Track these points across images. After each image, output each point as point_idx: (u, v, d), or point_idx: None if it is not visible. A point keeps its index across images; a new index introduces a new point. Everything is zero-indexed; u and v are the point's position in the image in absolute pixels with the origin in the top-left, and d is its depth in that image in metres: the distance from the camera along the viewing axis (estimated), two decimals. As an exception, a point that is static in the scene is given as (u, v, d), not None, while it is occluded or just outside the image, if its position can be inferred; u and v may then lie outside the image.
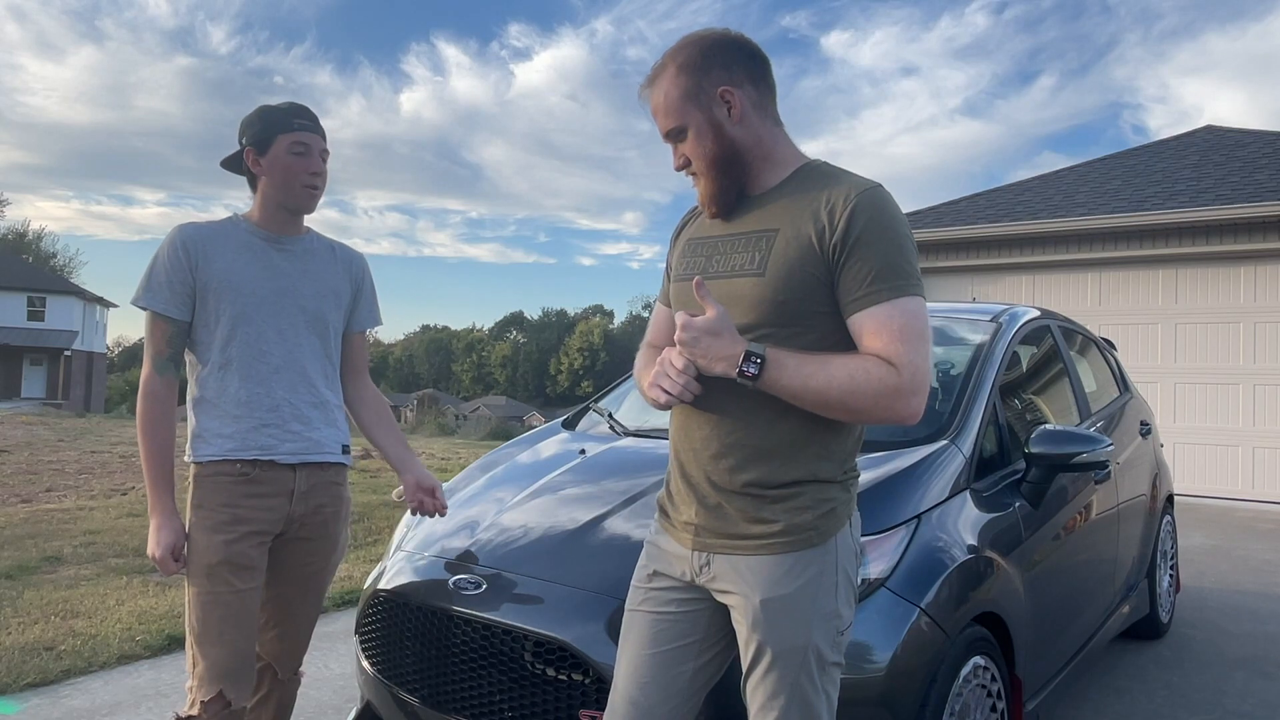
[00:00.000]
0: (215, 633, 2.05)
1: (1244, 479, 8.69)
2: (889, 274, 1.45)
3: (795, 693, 1.51)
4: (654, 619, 1.65)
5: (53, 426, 17.46)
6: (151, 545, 2.07)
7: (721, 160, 1.57)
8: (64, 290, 43.86)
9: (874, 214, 1.47)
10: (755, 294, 1.53)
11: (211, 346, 2.12)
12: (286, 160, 2.13)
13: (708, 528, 1.58)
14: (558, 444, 3.09)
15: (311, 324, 2.21)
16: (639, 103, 1.65)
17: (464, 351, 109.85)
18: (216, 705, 2.04)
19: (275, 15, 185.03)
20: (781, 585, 1.51)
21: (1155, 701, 3.52)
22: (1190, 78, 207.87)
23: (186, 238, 2.12)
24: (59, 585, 4.96)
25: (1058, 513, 2.89)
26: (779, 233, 1.53)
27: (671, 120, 1.58)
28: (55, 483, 9.39)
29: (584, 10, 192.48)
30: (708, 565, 1.58)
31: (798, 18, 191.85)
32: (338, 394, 2.30)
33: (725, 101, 1.56)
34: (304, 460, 2.17)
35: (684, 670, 1.63)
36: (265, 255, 2.17)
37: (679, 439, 1.63)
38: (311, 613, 2.31)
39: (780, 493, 1.53)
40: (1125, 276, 9.29)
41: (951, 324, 3.32)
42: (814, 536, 1.53)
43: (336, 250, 2.33)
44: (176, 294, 2.10)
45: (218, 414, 2.12)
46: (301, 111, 2.17)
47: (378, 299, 2.43)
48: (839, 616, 1.55)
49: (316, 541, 2.23)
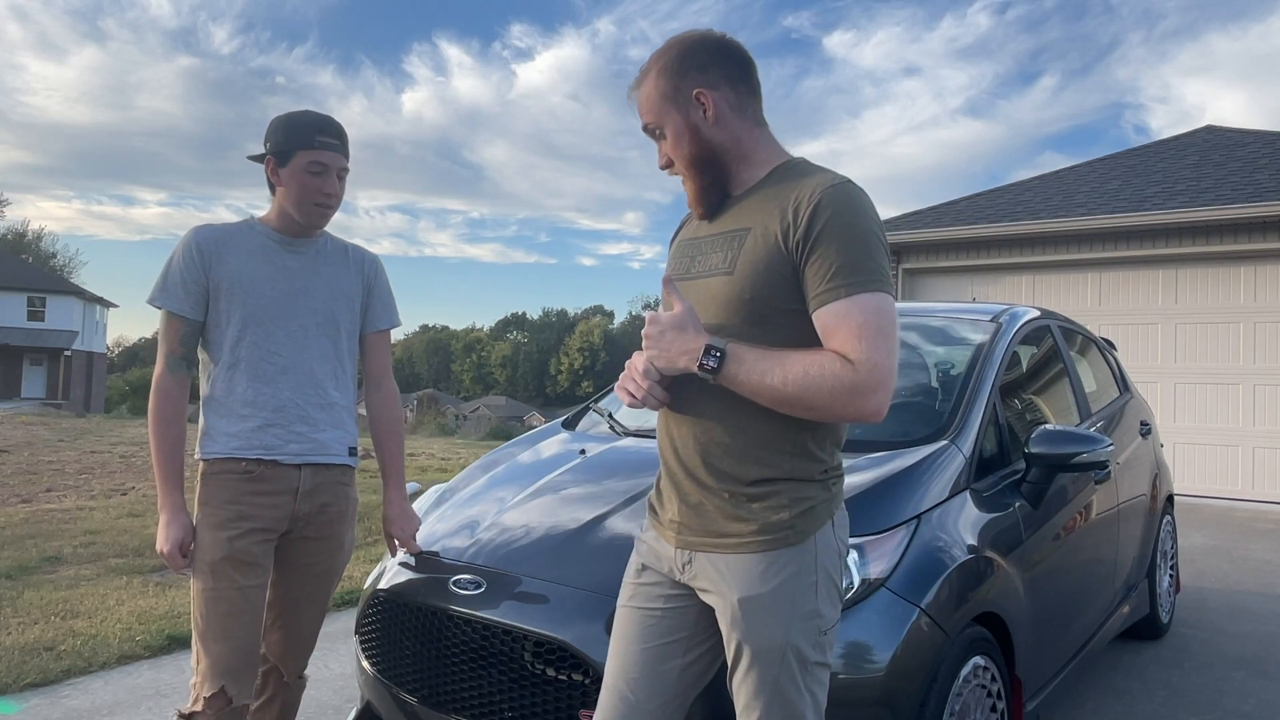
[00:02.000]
0: (219, 629, 2.06)
1: (1244, 479, 8.69)
2: (849, 270, 1.44)
3: (776, 693, 1.51)
4: (642, 614, 1.66)
5: (53, 426, 17.47)
6: (160, 540, 2.09)
7: (699, 161, 1.60)
8: (64, 290, 43.87)
9: (837, 209, 1.46)
10: (725, 293, 1.54)
11: (222, 346, 2.15)
12: (303, 178, 2.14)
13: (689, 525, 1.59)
14: (558, 444, 3.08)
15: (322, 326, 2.22)
16: (628, 103, 1.68)
17: (464, 351, 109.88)
18: (219, 701, 2.05)
19: (278, 15, 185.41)
20: (758, 584, 1.51)
21: (1155, 701, 3.52)
22: (1192, 78, 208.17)
23: (201, 239, 2.15)
24: (59, 585, 4.96)
25: (1058, 513, 2.89)
26: (750, 231, 1.55)
27: (650, 119, 1.63)
28: (55, 483, 9.39)
29: (586, 10, 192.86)
30: (690, 563, 1.59)
31: (800, 18, 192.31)
32: (347, 395, 2.30)
33: (700, 103, 1.58)
34: (308, 461, 2.18)
35: (671, 666, 1.63)
36: (277, 257, 2.20)
37: (663, 438, 1.65)
38: (317, 614, 2.32)
39: (757, 491, 1.53)
40: (1125, 276, 9.29)
41: (951, 324, 3.32)
42: (791, 535, 1.52)
43: (350, 252, 2.34)
44: (190, 294, 2.13)
45: (225, 413, 2.14)
46: (326, 127, 2.15)
47: (394, 299, 2.44)
48: (820, 616, 1.54)
49: (322, 541, 2.24)
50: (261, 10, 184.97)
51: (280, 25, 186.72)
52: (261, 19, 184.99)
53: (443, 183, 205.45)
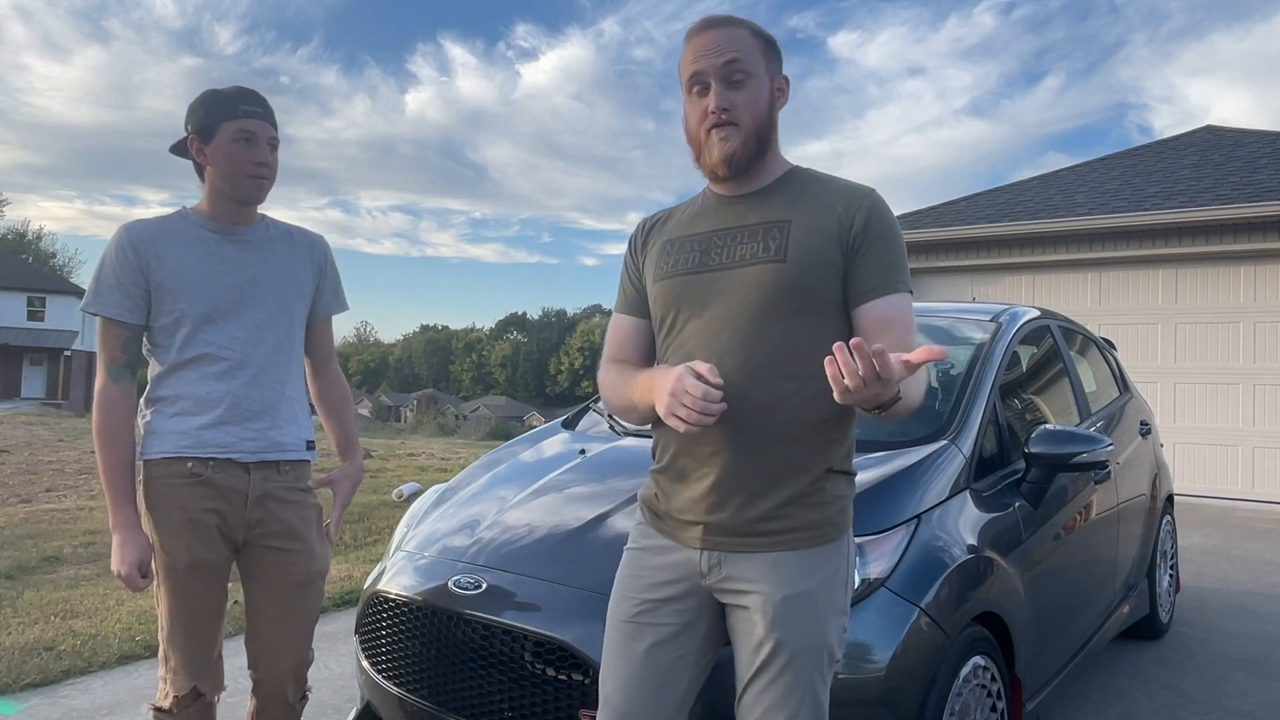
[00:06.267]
0: (183, 634, 2.04)
1: (1244, 479, 8.68)
2: (899, 269, 1.56)
3: (809, 691, 1.51)
4: (651, 630, 1.60)
5: (52, 426, 17.46)
6: (116, 562, 1.96)
7: (762, 128, 1.60)
8: (64, 290, 43.82)
9: (885, 215, 1.58)
10: (775, 280, 1.53)
11: (170, 348, 2.04)
12: (230, 149, 2.02)
13: (721, 526, 1.55)
14: (558, 444, 3.08)
15: (275, 318, 2.11)
16: (698, 34, 1.58)
17: (464, 351, 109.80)
18: (188, 699, 2.05)
19: (282, 15, 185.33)
20: (803, 581, 1.52)
21: (1155, 701, 3.52)
22: (1196, 78, 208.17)
23: (135, 237, 2.01)
24: (59, 585, 4.96)
25: (1058, 513, 2.89)
26: (792, 224, 1.56)
27: (741, 58, 1.55)
28: (55, 483, 9.39)
29: (591, 11, 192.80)
30: (719, 565, 1.56)
31: (805, 18, 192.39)
32: (299, 388, 2.21)
33: (779, 88, 1.63)
34: (263, 459, 2.08)
35: (679, 683, 1.60)
36: (220, 249, 2.07)
37: (686, 441, 1.57)
38: (307, 626, 2.18)
39: (803, 487, 1.54)
40: (1125, 276, 9.29)
41: (951, 324, 3.32)
42: (832, 532, 1.56)
43: (295, 236, 2.22)
44: (128, 297, 2.00)
45: (174, 411, 2.03)
46: (249, 97, 2.05)
47: (341, 283, 2.34)
48: (845, 614, 1.58)
49: (290, 551, 2.11)
50: (266, 10, 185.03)
51: (285, 25, 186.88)
52: (266, 19, 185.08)
53: (445, 183, 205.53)
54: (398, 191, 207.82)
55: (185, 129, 2.07)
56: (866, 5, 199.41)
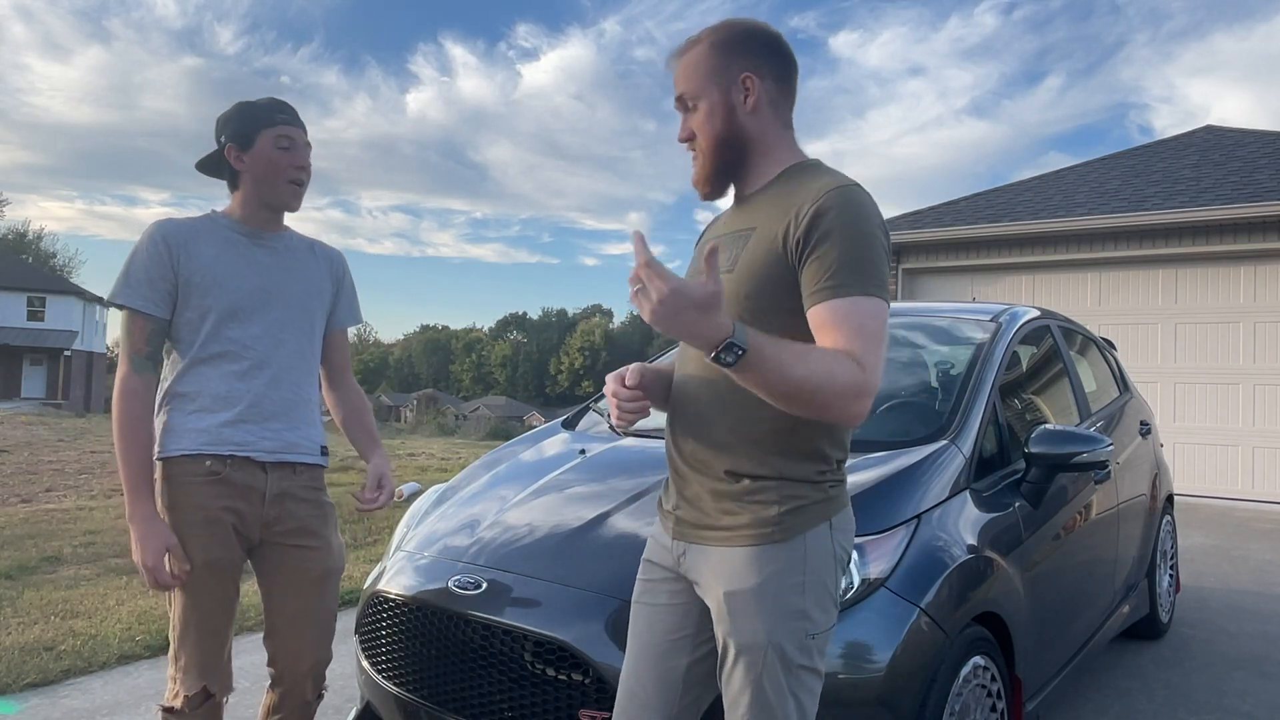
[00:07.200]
0: (195, 633, 2.04)
1: (1244, 479, 8.68)
2: (851, 270, 1.42)
3: (758, 693, 1.50)
4: (649, 610, 1.68)
5: (52, 426, 17.47)
6: (139, 554, 1.94)
7: (724, 142, 1.59)
8: (64, 290, 43.84)
9: (841, 210, 1.45)
10: (730, 290, 1.53)
11: (193, 343, 2.06)
12: (272, 155, 2.07)
13: (686, 519, 1.61)
14: (558, 444, 3.08)
15: (295, 321, 2.16)
16: (666, 71, 1.66)
17: (463, 351, 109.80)
18: (199, 699, 2.06)
19: (283, 15, 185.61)
20: (742, 578, 1.51)
21: (1155, 701, 3.52)
22: (1197, 78, 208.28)
23: (167, 233, 2.05)
24: (59, 585, 4.96)
25: (1058, 513, 2.89)
26: (755, 231, 1.56)
27: (687, 89, 1.61)
28: (55, 483, 9.38)
29: (593, 11, 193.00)
30: (685, 555, 1.61)
31: (806, 18, 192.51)
32: (316, 394, 2.25)
33: (745, 87, 1.58)
34: (280, 459, 2.11)
35: (678, 664, 1.63)
36: (248, 251, 2.12)
37: (667, 432, 1.68)
38: (328, 622, 2.22)
39: (748, 486, 1.53)
40: (1125, 276, 9.29)
41: (951, 324, 3.32)
42: (776, 533, 1.51)
43: (316, 248, 2.28)
44: (157, 290, 2.03)
45: (193, 408, 2.05)
46: (283, 106, 2.13)
47: (357, 296, 2.40)
48: (807, 618, 1.51)
49: (308, 548, 2.15)
50: (267, 10, 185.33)
51: (286, 25, 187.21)
52: (267, 19, 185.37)
53: (446, 183, 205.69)
54: (398, 191, 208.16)
55: (218, 140, 2.12)
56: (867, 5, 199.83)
